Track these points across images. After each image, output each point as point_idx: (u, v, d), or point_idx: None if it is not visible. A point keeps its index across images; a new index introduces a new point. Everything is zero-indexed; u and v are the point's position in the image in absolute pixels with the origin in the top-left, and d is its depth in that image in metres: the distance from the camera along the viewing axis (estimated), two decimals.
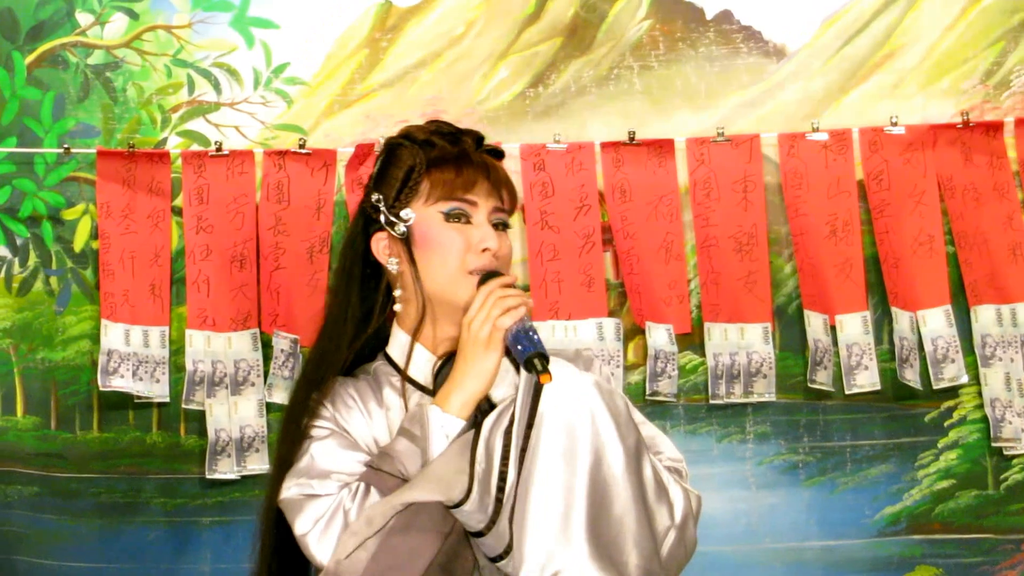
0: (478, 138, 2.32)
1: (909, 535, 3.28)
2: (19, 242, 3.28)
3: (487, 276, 2.18)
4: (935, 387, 3.18)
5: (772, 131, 3.20)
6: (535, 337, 2.08)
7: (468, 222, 2.22)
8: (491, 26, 3.27)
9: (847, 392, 3.18)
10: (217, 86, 3.26)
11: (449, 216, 2.22)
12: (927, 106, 3.23)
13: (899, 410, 3.28)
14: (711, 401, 3.20)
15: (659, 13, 3.27)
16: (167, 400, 3.18)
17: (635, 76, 3.27)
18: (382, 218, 2.26)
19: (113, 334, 3.14)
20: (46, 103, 3.25)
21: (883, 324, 3.23)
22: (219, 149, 3.16)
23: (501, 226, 2.26)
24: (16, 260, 3.28)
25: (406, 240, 2.24)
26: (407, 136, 2.31)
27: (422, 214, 2.23)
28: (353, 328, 2.29)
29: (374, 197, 2.28)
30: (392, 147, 2.32)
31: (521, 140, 3.20)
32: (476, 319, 2.12)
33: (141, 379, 3.14)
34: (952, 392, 3.25)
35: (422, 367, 2.27)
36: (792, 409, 3.28)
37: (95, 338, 3.22)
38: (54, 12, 3.26)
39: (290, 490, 2.15)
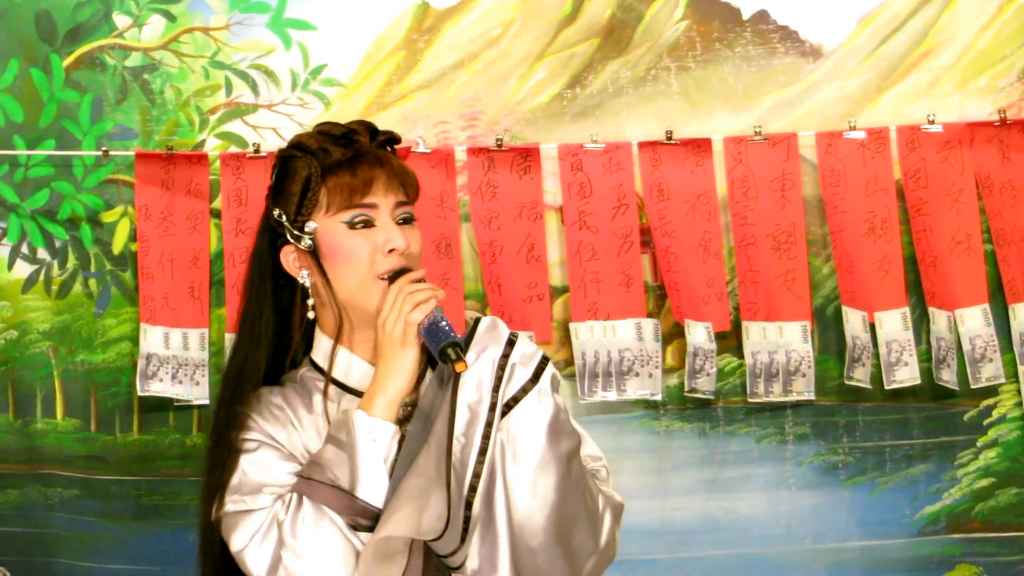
0: (372, 130, 2.27)
1: (949, 534, 3.28)
2: (58, 244, 3.29)
3: (396, 275, 2.17)
4: (973, 387, 3.18)
5: (809, 131, 3.20)
6: (447, 328, 2.09)
7: (372, 225, 2.19)
8: (528, 27, 3.27)
9: (887, 387, 3.17)
10: (255, 88, 3.27)
11: (352, 224, 2.19)
12: (964, 104, 3.23)
13: (938, 409, 3.27)
14: (750, 400, 3.19)
15: (696, 14, 3.27)
16: (207, 402, 3.19)
17: (672, 77, 3.27)
18: (287, 233, 2.23)
19: (152, 337, 3.14)
20: (84, 105, 3.26)
21: (921, 325, 3.22)
22: (257, 151, 3.17)
23: (408, 219, 2.23)
24: (55, 262, 3.29)
25: (313, 252, 2.22)
26: (299, 146, 2.25)
27: (325, 225, 2.20)
28: (268, 342, 2.27)
29: (275, 212, 2.25)
30: (285, 159, 2.27)
31: (558, 141, 3.20)
32: (389, 319, 2.12)
33: (181, 382, 3.15)
34: (991, 390, 3.24)
35: (347, 370, 2.26)
36: (831, 410, 3.28)
37: (135, 340, 3.23)
38: (92, 14, 3.27)
39: (225, 507, 2.14)
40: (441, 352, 2.06)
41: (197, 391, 3.18)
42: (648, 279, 3.25)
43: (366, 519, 2.07)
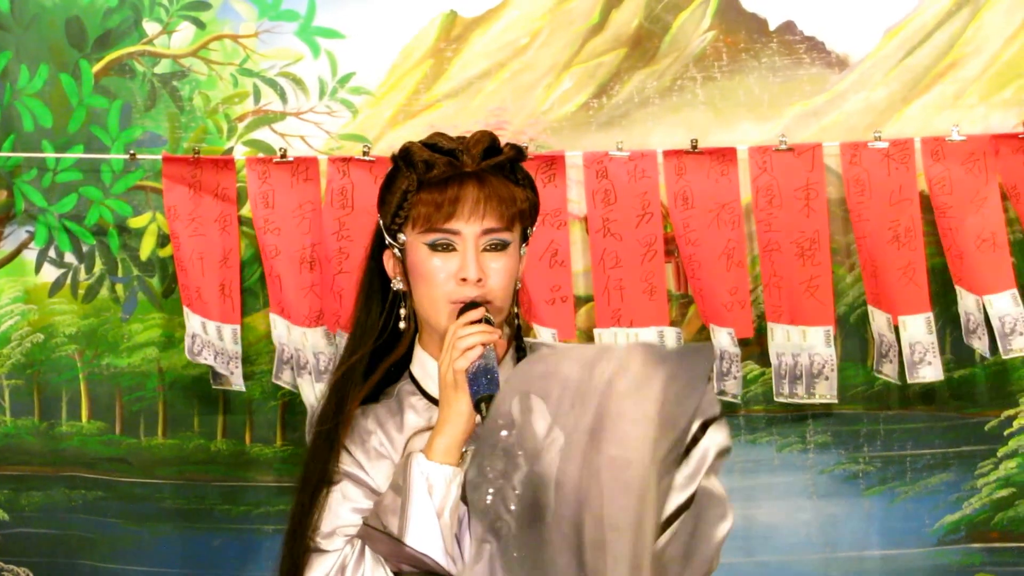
0: (487, 147, 2.22)
1: (968, 544, 3.29)
2: (85, 249, 3.30)
3: (464, 309, 2.16)
4: (1004, 357, 3.13)
5: (834, 141, 3.20)
6: (492, 376, 2.08)
7: (452, 249, 2.18)
8: (555, 37, 3.28)
9: (909, 381, 3.15)
10: (283, 95, 3.28)
11: (433, 247, 2.18)
12: (989, 116, 3.23)
13: (959, 419, 3.29)
14: (776, 398, 3.19)
15: (723, 24, 3.28)
16: (243, 389, 3.22)
17: (698, 87, 3.27)
18: (386, 238, 2.26)
19: (194, 320, 3.16)
20: (113, 112, 3.28)
21: (945, 334, 3.23)
22: (283, 155, 3.17)
23: (497, 246, 2.19)
24: (82, 267, 3.31)
25: (403, 262, 2.24)
26: (405, 156, 2.22)
27: (412, 241, 2.21)
28: (372, 339, 2.29)
29: (379, 216, 2.28)
30: (393, 166, 2.27)
31: (584, 150, 3.20)
32: (443, 363, 2.13)
33: (221, 365, 3.18)
34: (1012, 401, 3.26)
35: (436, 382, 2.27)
36: (853, 419, 3.29)
37: (161, 346, 3.26)
38: (121, 21, 3.28)
39: (307, 543, 2.17)
40: (475, 405, 2.07)
41: (234, 379, 3.21)
42: (672, 288, 3.26)
43: (412, 566, 2.08)
